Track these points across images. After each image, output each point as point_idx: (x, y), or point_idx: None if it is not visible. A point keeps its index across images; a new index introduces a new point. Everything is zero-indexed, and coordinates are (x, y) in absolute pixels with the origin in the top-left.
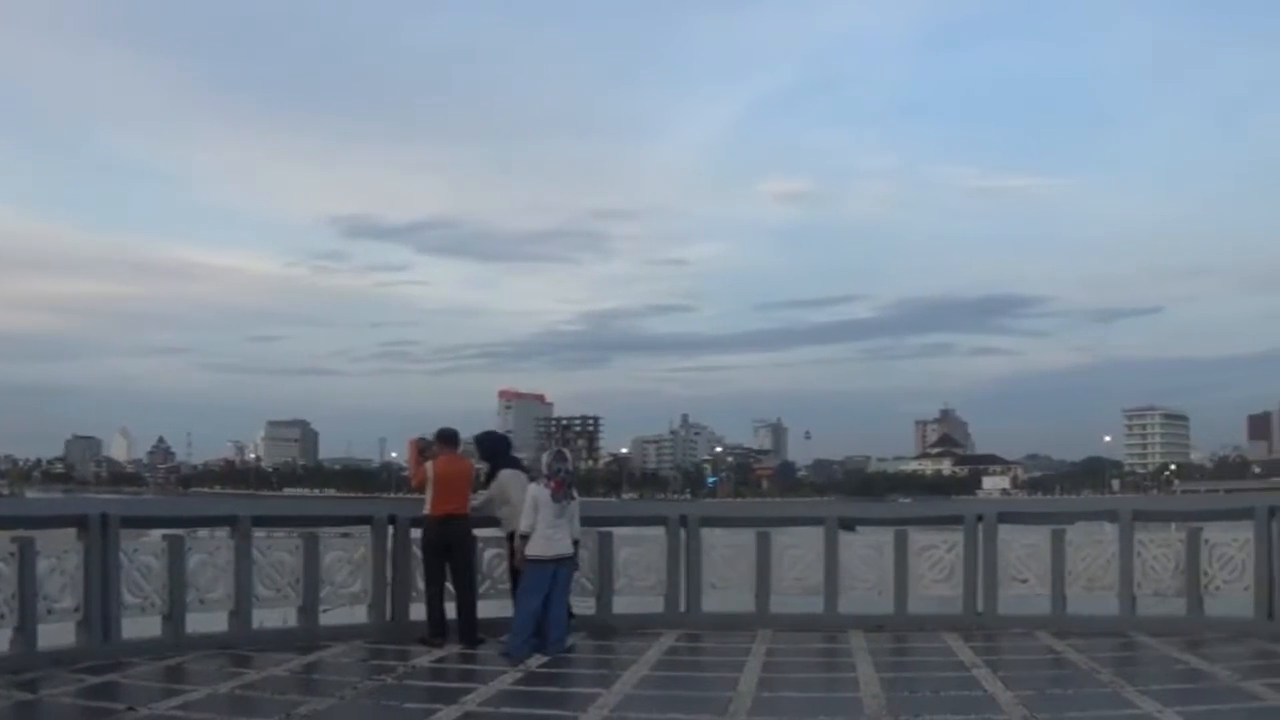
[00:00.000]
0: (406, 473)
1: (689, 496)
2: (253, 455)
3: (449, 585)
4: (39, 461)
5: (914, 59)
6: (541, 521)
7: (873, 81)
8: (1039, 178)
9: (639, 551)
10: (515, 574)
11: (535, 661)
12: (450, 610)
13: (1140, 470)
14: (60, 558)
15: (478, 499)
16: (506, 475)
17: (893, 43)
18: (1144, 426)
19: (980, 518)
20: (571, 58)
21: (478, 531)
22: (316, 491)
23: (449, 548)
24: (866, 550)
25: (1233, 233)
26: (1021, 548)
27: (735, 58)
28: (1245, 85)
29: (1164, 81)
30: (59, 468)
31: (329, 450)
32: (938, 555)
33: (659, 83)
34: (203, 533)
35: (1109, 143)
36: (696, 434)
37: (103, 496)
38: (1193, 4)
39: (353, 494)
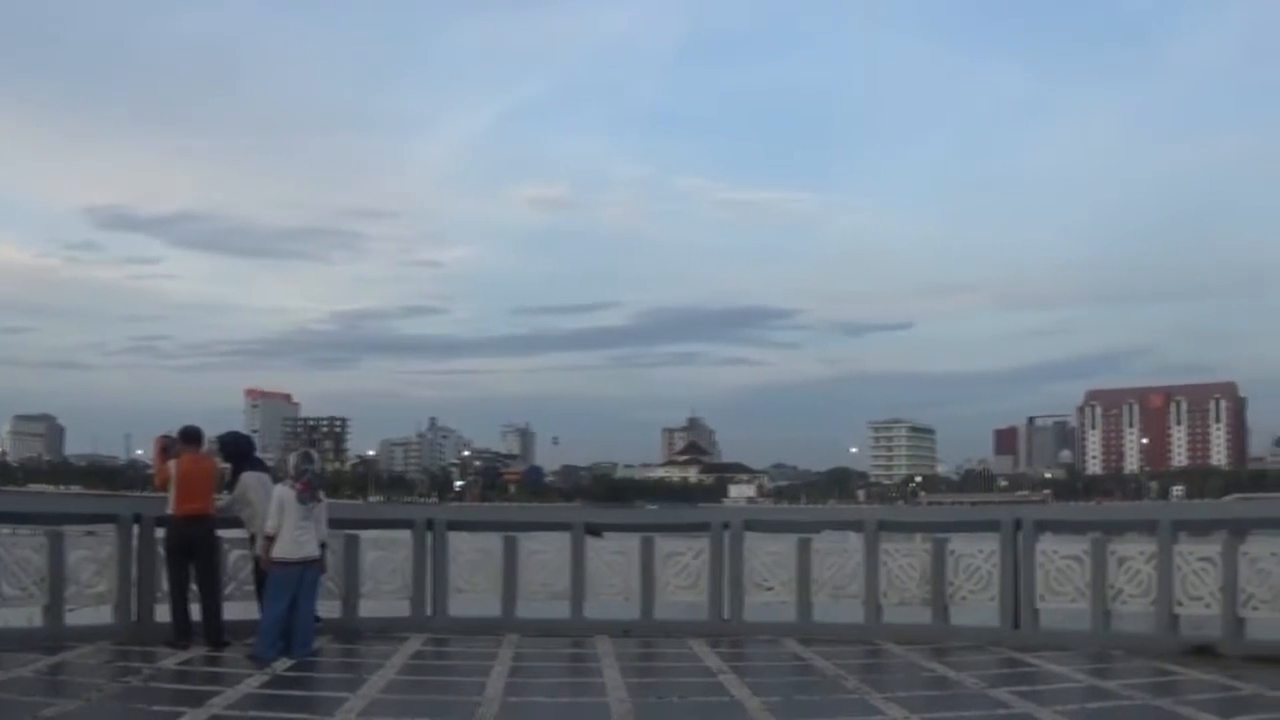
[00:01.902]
0: (151, 471)
1: (436, 500)
2: None
3: (194, 586)
4: None
5: (671, 71)
6: (288, 523)
7: (630, 91)
8: (792, 192)
9: (385, 555)
10: (261, 576)
11: (282, 664)
12: (196, 612)
13: (886, 481)
14: None
15: (222, 500)
16: (248, 477)
17: (651, 54)
18: (890, 438)
19: (727, 525)
20: (334, 54)
21: (223, 533)
22: (61, 488)
23: (192, 548)
24: (613, 556)
25: (982, 251)
26: (768, 555)
27: (497, 62)
28: (998, 107)
29: (919, 101)
30: None
31: (75, 446)
32: (684, 562)
33: (420, 83)
34: None
35: (863, 159)
36: (444, 437)
37: None
38: (950, 27)
39: (98, 491)
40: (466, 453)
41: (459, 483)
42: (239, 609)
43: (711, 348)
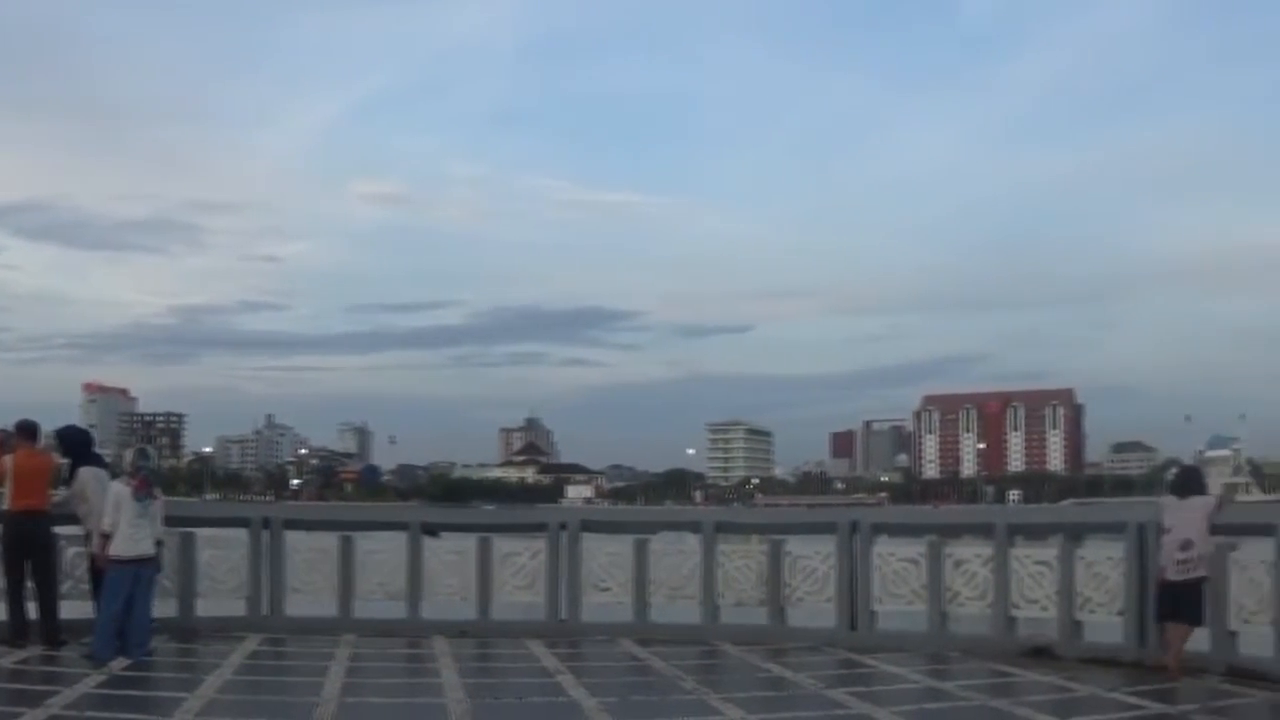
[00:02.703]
0: None
1: (272, 498)
2: None
3: (30, 584)
4: None
5: (512, 69)
6: (124, 521)
7: (471, 89)
8: (634, 193)
9: (222, 554)
10: (97, 574)
11: (119, 664)
12: (32, 610)
13: (723, 483)
14: None
15: (58, 496)
16: (86, 473)
17: (492, 52)
18: (728, 440)
19: (564, 526)
20: (177, 45)
21: (59, 529)
22: None
23: (28, 545)
24: (450, 556)
25: (823, 256)
26: (605, 556)
27: (339, 57)
28: (841, 114)
29: (762, 106)
30: None
31: None
32: (521, 562)
33: (262, 77)
34: None
35: (704, 163)
36: (281, 435)
37: None
38: (793, 34)
39: None
40: (303, 451)
41: (295, 481)
42: (75, 608)
43: (551, 348)
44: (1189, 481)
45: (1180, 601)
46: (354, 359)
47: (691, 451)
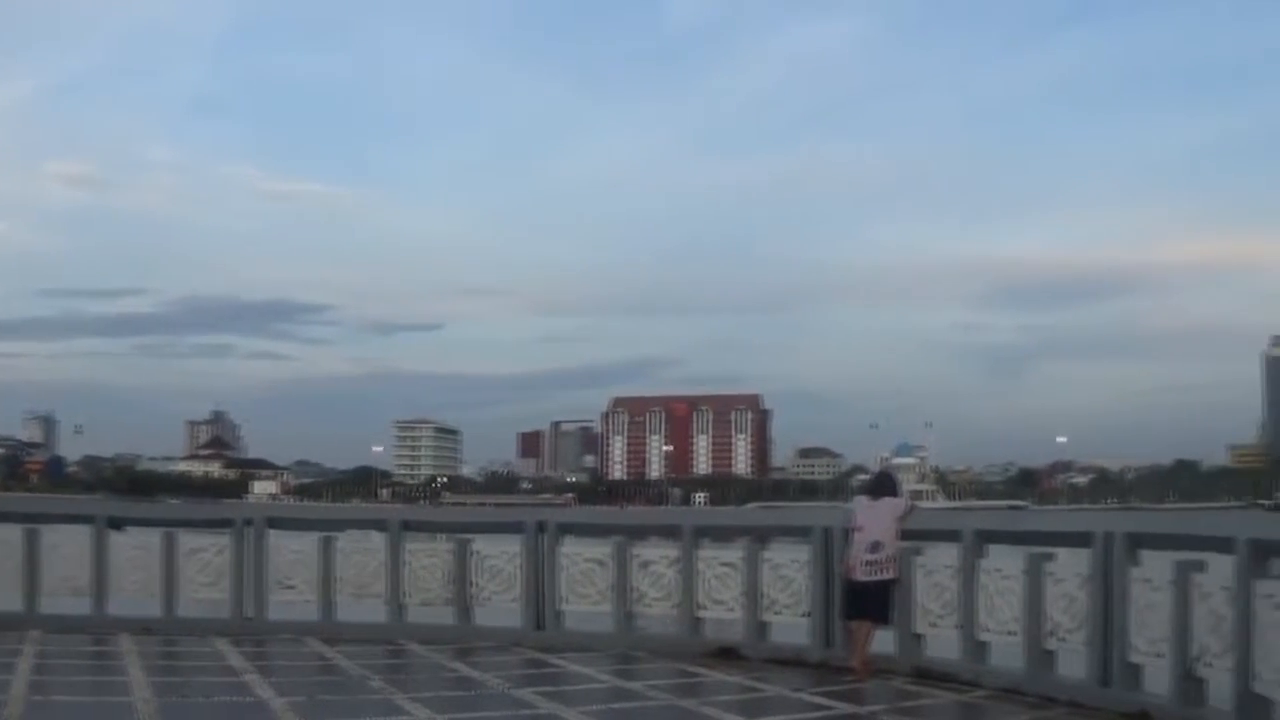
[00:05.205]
0: None
1: None
2: None
3: None
4: None
5: (213, 54)
6: None
7: (170, 73)
8: (329, 185)
9: None
10: None
11: None
12: None
13: (410, 480)
14: None
15: None
16: None
17: (193, 36)
18: (415, 438)
19: (249, 522)
20: None
21: None
22: None
23: None
24: (135, 551)
25: (516, 256)
26: (290, 554)
27: (35, 34)
28: (540, 116)
29: (462, 105)
30: None
31: None
32: (207, 558)
33: None
34: None
35: (401, 157)
36: None
37: None
38: (497, 36)
39: None
40: None
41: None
42: None
43: (242, 340)
44: (883, 484)
45: (866, 601)
46: (41, 345)
47: (379, 449)
